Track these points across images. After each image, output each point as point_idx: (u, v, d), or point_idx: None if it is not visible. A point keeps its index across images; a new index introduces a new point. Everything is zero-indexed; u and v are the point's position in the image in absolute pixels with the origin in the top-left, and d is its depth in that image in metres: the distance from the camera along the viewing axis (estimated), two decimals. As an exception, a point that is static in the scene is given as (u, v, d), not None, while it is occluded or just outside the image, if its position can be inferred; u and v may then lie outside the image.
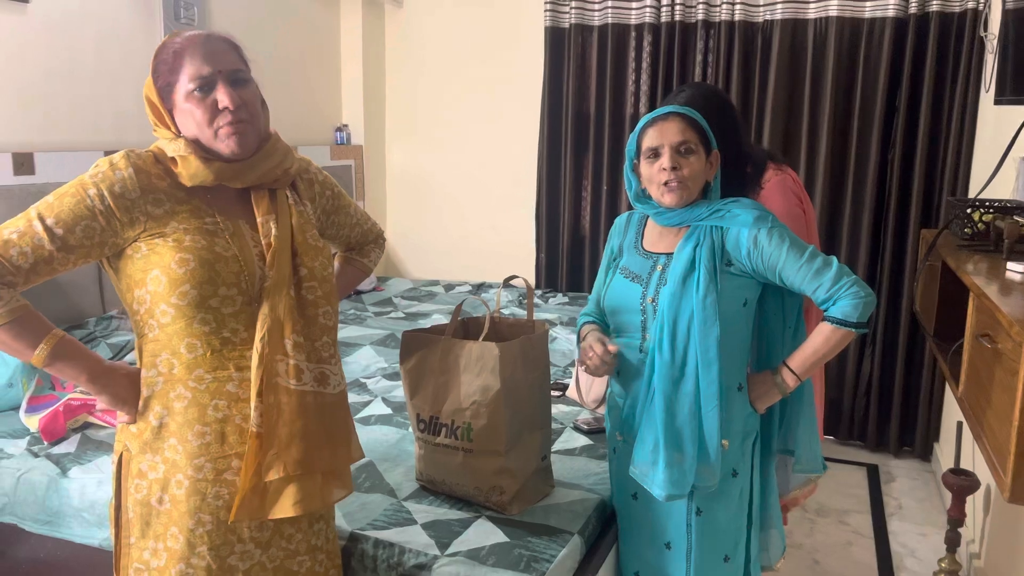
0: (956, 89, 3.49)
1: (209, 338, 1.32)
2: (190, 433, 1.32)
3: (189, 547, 1.33)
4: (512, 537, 1.69)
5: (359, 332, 3.33)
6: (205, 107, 1.31)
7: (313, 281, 1.40)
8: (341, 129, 4.47)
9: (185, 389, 1.32)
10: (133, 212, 1.29)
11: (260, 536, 1.38)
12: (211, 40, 1.35)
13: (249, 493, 1.31)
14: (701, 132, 1.65)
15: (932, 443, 3.72)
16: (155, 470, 1.34)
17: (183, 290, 1.28)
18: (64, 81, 2.88)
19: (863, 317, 1.56)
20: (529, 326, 1.91)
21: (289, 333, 1.34)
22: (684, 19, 3.86)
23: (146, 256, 1.30)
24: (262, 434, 1.31)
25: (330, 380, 1.40)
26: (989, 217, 2.12)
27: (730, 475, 1.68)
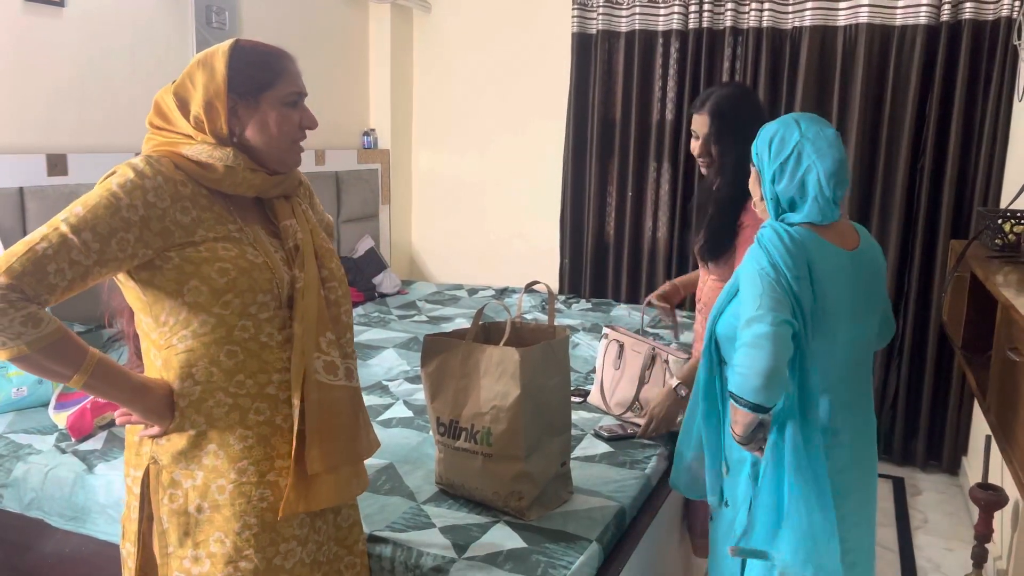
0: (988, 98, 3.43)
1: (248, 344, 1.33)
2: (232, 438, 1.33)
3: (236, 551, 1.34)
4: (530, 543, 1.69)
5: (382, 335, 3.35)
6: (293, 121, 1.37)
7: (334, 281, 1.43)
8: (368, 133, 4.50)
9: (225, 396, 1.33)
10: (164, 221, 1.27)
11: (300, 533, 1.40)
12: (294, 60, 1.42)
13: (293, 490, 1.33)
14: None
15: (960, 457, 3.66)
16: (192, 478, 1.34)
17: (227, 299, 1.29)
18: (98, 83, 2.93)
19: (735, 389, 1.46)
20: (550, 331, 1.91)
21: (323, 331, 1.37)
22: (712, 26, 3.84)
23: (179, 267, 1.28)
24: (304, 431, 1.33)
25: (354, 374, 1.44)
26: (1020, 228, 2.09)
27: (723, 505, 1.75)
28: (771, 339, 1.43)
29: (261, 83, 1.34)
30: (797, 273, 1.49)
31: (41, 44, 2.72)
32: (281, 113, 1.35)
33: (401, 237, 4.82)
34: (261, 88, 1.34)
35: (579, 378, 2.78)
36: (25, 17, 2.67)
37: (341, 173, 4.24)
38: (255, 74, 1.34)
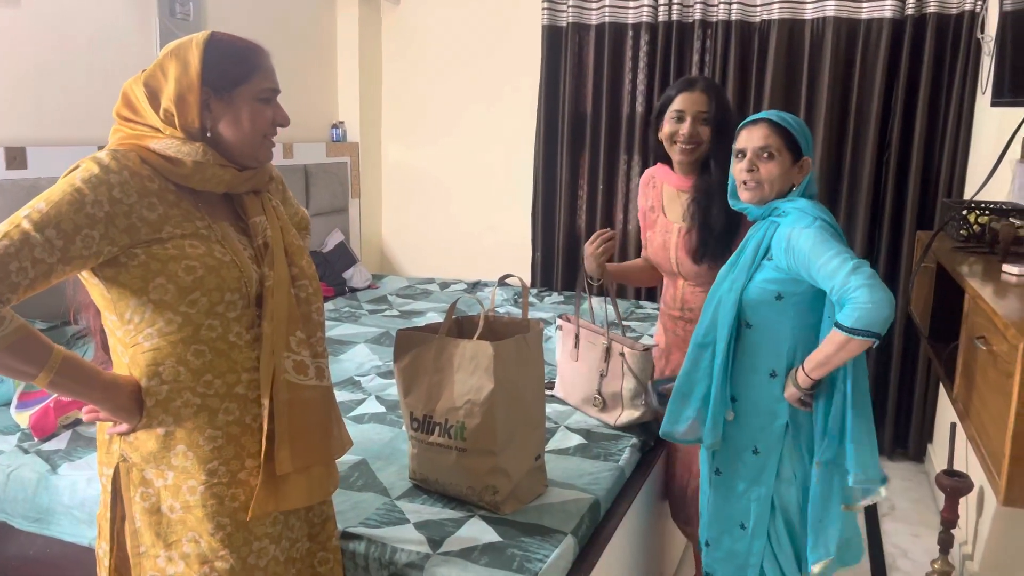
0: (952, 91, 3.49)
1: (216, 343, 1.30)
2: (201, 438, 1.30)
3: (211, 551, 1.32)
4: (505, 537, 1.69)
5: (353, 330, 3.32)
6: (266, 117, 1.34)
7: (304, 279, 1.41)
8: (337, 126, 4.45)
9: (193, 395, 1.30)
10: (130, 218, 1.23)
11: (272, 531, 1.38)
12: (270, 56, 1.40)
13: (263, 489, 1.31)
14: (788, 138, 1.76)
15: (926, 444, 3.72)
16: (163, 478, 1.32)
17: (193, 298, 1.26)
18: (57, 75, 2.86)
19: (859, 323, 1.54)
20: (524, 325, 1.90)
21: (293, 330, 1.35)
22: (681, 19, 3.85)
23: (145, 264, 1.25)
24: (273, 431, 1.31)
25: (325, 373, 1.42)
26: (985, 219, 2.13)
27: (750, 450, 1.85)
28: (877, 276, 1.57)
29: (236, 78, 1.31)
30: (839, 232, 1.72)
31: (-2, 34, 2.65)
32: (254, 109, 1.33)
33: (371, 231, 4.78)
34: (236, 83, 1.31)
35: (552, 371, 2.78)
36: (-19, 6, 2.60)
37: (310, 166, 4.19)
38: (230, 68, 1.31)
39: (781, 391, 1.78)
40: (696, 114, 2.06)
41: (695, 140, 2.07)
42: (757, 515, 1.86)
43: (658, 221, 2.23)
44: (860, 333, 1.55)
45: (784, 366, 1.78)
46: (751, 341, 1.81)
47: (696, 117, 2.06)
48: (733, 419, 1.86)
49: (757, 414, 1.83)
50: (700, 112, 2.06)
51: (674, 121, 2.08)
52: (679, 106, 2.07)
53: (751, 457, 1.85)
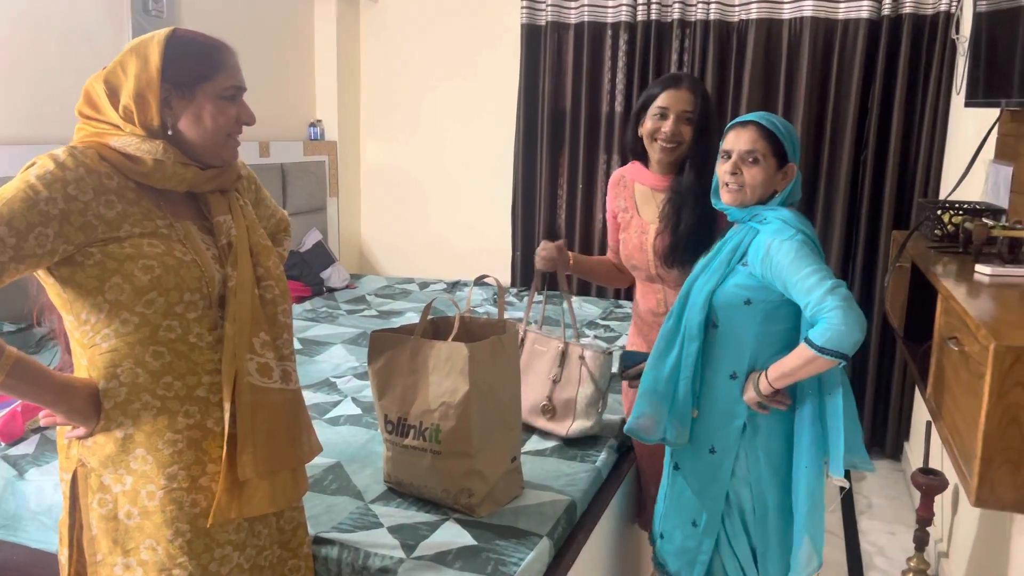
0: (928, 91, 3.51)
1: (175, 344, 1.28)
2: (160, 442, 1.28)
3: (169, 558, 1.29)
4: (480, 540, 1.67)
5: (330, 330, 3.29)
6: (230, 115, 1.32)
7: (270, 280, 1.38)
8: (315, 124, 4.42)
9: (152, 398, 1.27)
10: (86, 215, 1.21)
11: (236, 538, 1.36)
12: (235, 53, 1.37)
13: (225, 495, 1.28)
14: (776, 143, 1.74)
15: (902, 442, 3.75)
16: (121, 483, 1.29)
17: (150, 298, 1.24)
18: (26, 72, 2.81)
19: (829, 343, 1.55)
20: (500, 326, 1.89)
21: (257, 332, 1.32)
22: (660, 18, 3.85)
23: (101, 263, 1.23)
24: (236, 435, 1.28)
25: (292, 376, 1.39)
26: (959, 219, 2.14)
27: (707, 450, 1.84)
28: (852, 299, 1.57)
29: (198, 74, 1.29)
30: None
31: (-35, 30, 2.60)
32: (217, 106, 1.30)
33: (350, 230, 4.75)
34: (198, 80, 1.29)
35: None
36: (-53, 2, 2.55)
37: (287, 165, 4.15)
38: (192, 65, 1.29)
39: (740, 393, 1.78)
40: (680, 112, 2.00)
41: (677, 139, 2.01)
42: (710, 514, 1.86)
43: (632, 221, 2.16)
44: (829, 352, 1.56)
45: (744, 369, 1.78)
46: (715, 342, 1.80)
47: (680, 115, 2.00)
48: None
49: (715, 414, 1.83)
50: (684, 111, 2.00)
51: (657, 118, 2.02)
52: (663, 103, 2.01)
53: (708, 456, 1.85)
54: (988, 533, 2.20)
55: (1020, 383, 1.20)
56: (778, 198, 1.78)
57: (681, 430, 1.84)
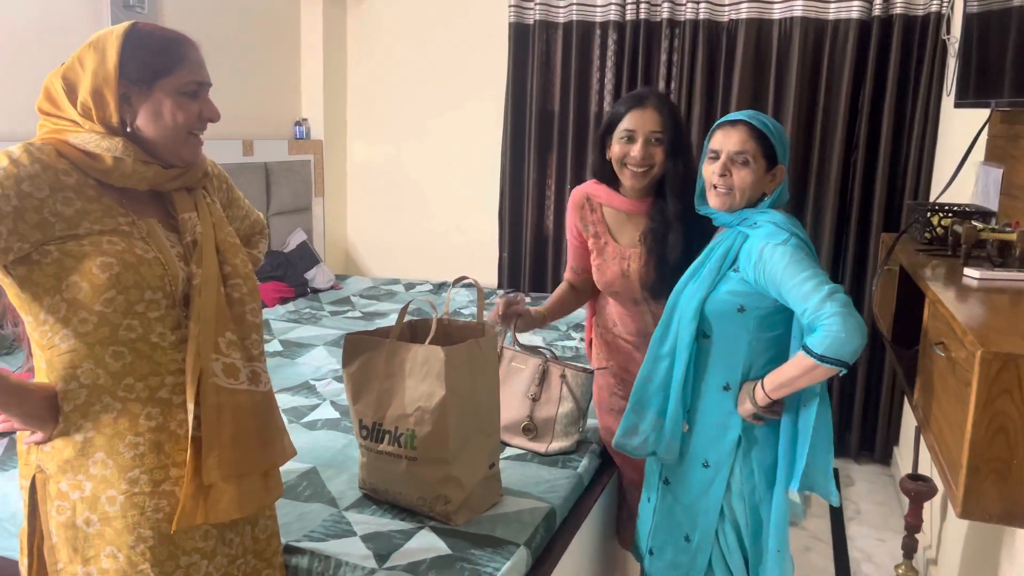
0: (919, 92, 3.48)
1: (136, 344, 1.23)
2: (121, 445, 1.24)
3: (131, 565, 1.25)
4: (455, 549, 1.62)
5: (313, 332, 3.24)
6: (191, 112, 1.27)
7: (238, 278, 1.34)
8: (300, 123, 4.37)
9: (113, 400, 1.23)
10: (42, 212, 1.17)
11: (205, 546, 1.31)
12: (198, 48, 1.31)
13: (190, 499, 1.24)
14: (766, 144, 1.68)
15: (892, 448, 3.72)
16: (80, 489, 1.24)
17: (109, 296, 1.19)
18: (2, 68, 2.75)
19: (829, 351, 1.50)
20: (479, 329, 1.84)
21: (223, 331, 1.28)
22: (649, 17, 3.82)
23: (58, 261, 1.19)
24: (200, 437, 1.24)
25: (261, 378, 1.35)
26: (948, 221, 2.10)
27: (700, 463, 1.79)
28: (851, 304, 1.53)
29: (157, 70, 1.24)
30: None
31: (-63, 24, 2.55)
32: (177, 102, 1.25)
33: (336, 231, 4.69)
34: (156, 75, 1.24)
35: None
36: (-82, -5, 2.49)
37: (271, 164, 4.10)
38: (150, 60, 1.24)
39: (734, 404, 1.73)
40: (648, 134, 1.87)
41: (648, 162, 1.89)
42: (703, 529, 1.82)
43: (607, 248, 2.03)
44: (829, 361, 1.51)
45: (738, 379, 1.73)
46: (706, 353, 1.75)
47: (648, 137, 1.88)
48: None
49: (708, 427, 1.77)
50: (653, 132, 1.87)
51: (624, 142, 1.89)
52: (630, 125, 1.88)
53: (701, 470, 1.79)
54: (978, 541, 2.17)
55: (1007, 391, 1.16)
56: (767, 201, 1.73)
57: (672, 444, 1.78)
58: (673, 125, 1.90)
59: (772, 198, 1.73)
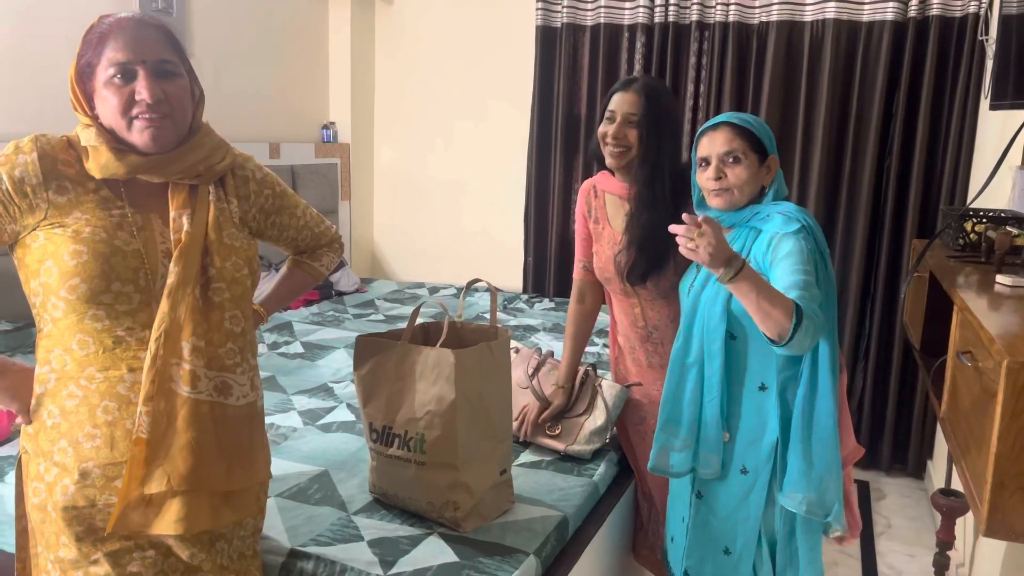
0: (956, 95, 3.38)
1: (101, 336, 1.23)
2: (80, 434, 1.24)
3: (83, 556, 1.25)
4: (462, 556, 1.59)
5: (335, 334, 3.24)
6: (122, 96, 1.23)
7: (222, 282, 1.30)
8: (328, 127, 4.38)
9: (77, 388, 1.24)
10: (33, 198, 1.22)
11: (160, 542, 1.30)
12: (141, 26, 1.26)
13: (131, 504, 1.22)
14: (752, 139, 1.68)
15: (925, 460, 3.61)
16: (49, 473, 1.25)
17: (73, 283, 1.20)
18: (31, 69, 2.80)
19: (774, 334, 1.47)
20: (491, 332, 1.81)
21: (188, 336, 1.25)
22: (678, 20, 3.76)
23: (43, 246, 1.23)
24: (149, 441, 1.22)
25: (233, 390, 1.30)
26: (981, 227, 2.03)
27: (738, 471, 1.72)
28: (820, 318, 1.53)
29: (91, 63, 1.25)
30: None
31: (-32, 27, 2.59)
32: (111, 91, 1.23)
33: (362, 234, 4.70)
34: (91, 68, 1.25)
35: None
36: (-50, -2, 2.53)
37: (297, 167, 4.11)
38: (86, 52, 1.25)
39: (772, 405, 1.68)
40: (625, 115, 1.89)
41: (622, 143, 1.90)
42: (744, 539, 1.75)
43: (604, 232, 2.05)
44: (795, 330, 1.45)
45: (773, 377, 1.68)
46: (737, 354, 1.70)
47: (625, 118, 1.89)
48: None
49: (745, 431, 1.71)
50: (629, 114, 1.89)
51: (607, 121, 1.93)
52: (612, 106, 1.92)
53: (739, 477, 1.73)
54: (1013, 559, 2.08)
55: (1036, 403, 1.10)
56: (770, 193, 1.72)
57: (712, 458, 1.72)
58: (651, 109, 1.89)
59: (774, 189, 1.73)
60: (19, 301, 2.84)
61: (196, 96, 1.33)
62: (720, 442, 1.72)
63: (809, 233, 1.63)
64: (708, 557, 1.80)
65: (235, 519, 1.33)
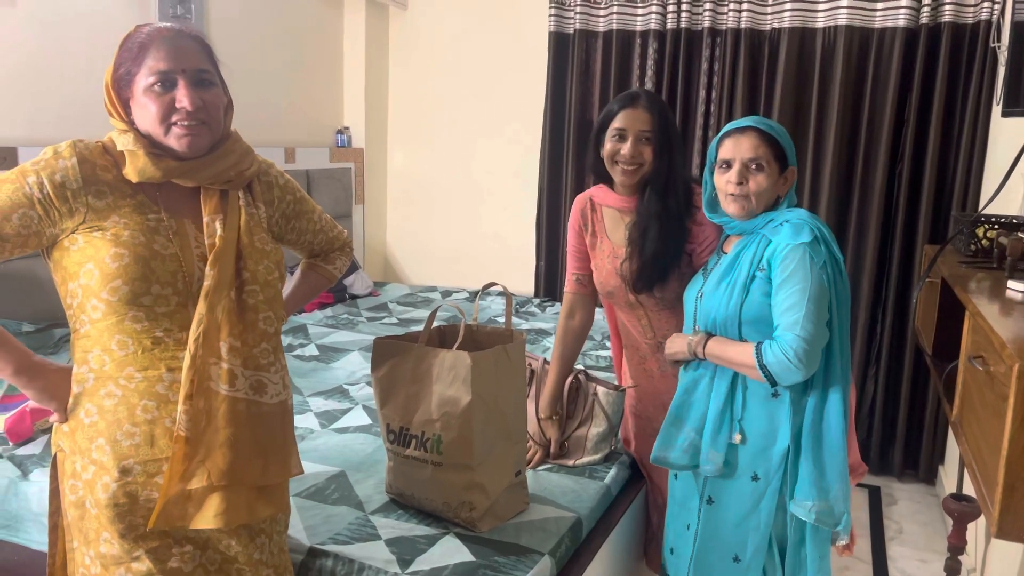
0: (968, 101, 3.39)
1: (140, 336, 1.27)
2: (119, 433, 1.27)
3: (126, 552, 1.28)
4: (478, 556, 1.62)
5: (349, 337, 3.27)
6: (162, 103, 1.27)
7: (255, 285, 1.35)
8: (342, 131, 4.42)
9: (116, 387, 1.27)
10: (72, 202, 1.25)
11: (197, 537, 1.33)
12: (180, 37, 1.30)
13: (172, 499, 1.26)
14: (776, 148, 1.70)
15: (937, 466, 3.61)
16: (87, 471, 1.29)
17: (114, 285, 1.24)
18: (52, 75, 2.84)
19: (772, 367, 1.59)
20: (507, 335, 1.84)
21: (225, 336, 1.29)
22: (690, 26, 3.78)
23: (82, 249, 1.26)
24: (189, 438, 1.25)
25: (268, 389, 1.35)
26: (993, 233, 2.04)
27: (749, 477, 1.72)
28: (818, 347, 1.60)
29: (130, 71, 1.29)
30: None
31: (-8, 34, 2.64)
32: (151, 99, 1.27)
33: (375, 238, 4.74)
34: (130, 75, 1.29)
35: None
36: (-25, 5, 2.58)
37: (312, 171, 4.15)
38: (126, 61, 1.29)
39: (785, 414, 1.69)
40: (638, 133, 1.89)
41: (637, 160, 1.90)
42: (755, 546, 1.75)
43: (603, 246, 2.05)
44: (767, 373, 1.60)
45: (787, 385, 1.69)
46: None
47: (638, 136, 1.89)
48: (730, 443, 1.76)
49: (757, 437, 1.72)
50: (642, 131, 1.89)
51: (615, 140, 1.91)
52: (621, 124, 1.90)
53: (750, 484, 1.73)
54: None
55: (1047, 407, 1.12)
56: (785, 202, 1.74)
57: (715, 456, 1.74)
58: (662, 125, 1.91)
59: (788, 199, 1.75)
60: (41, 303, 2.87)
61: (226, 104, 1.37)
62: (725, 442, 1.73)
63: (820, 242, 1.64)
64: (717, 565, 1.80)
65: (270, 513, 1.37)
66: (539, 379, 2.16)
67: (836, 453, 1.64)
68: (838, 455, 1.64)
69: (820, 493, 1.64)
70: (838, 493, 1.64)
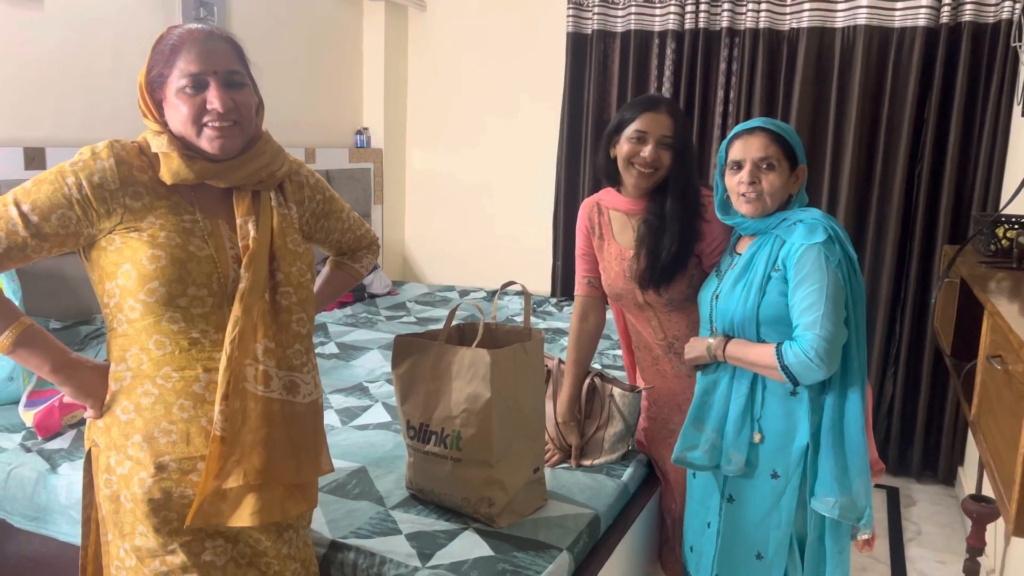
0: (988, 101, 3.37)
1: (177, 337, 1.29)
2: (156, 430, 1.30)
3: (161, 546, 1.31)
4: (497, 551, 1.64)
5: (368, 336, 3.30)
6: (194, 104, 1.28)
7: (289, 287, 1.37)
8: (361, 132, 4.46)
9: (152, 386, 1.30)
10: (110, 203, 1.27)
11: (228, 531, 1.36)
12: (211, 38, 1.32)
13: (208, 498, 1.28)
14: (786, 147, 1.72)
15: (956, 467, 3.59)
16: (122, 466, 1.31)
17: (152, 287, 1.26)
18: (78, 77, 2.89)
19: (794, 368, 1.61)
20: (525, 333, 1.86)
21: (260, 338, 1.32)
22: (708, 27, 3.79)
23: (119, 249, 1.28)
24: (225, 438, 1.28)
25: (300, 389, 1.37)
26: (1013, 233, 2.04)
27: (768, 475, 1.74)
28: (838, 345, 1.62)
29: (162, 73, 1.31)
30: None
31: (19, 37, 2.68)
32: (183, 100, 1.29)
33: (394, 237, 4.78)
34: (163, 77, 1.31)
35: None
36: (2, 8, 2.63)
37: (332, 171, 4.19)
38: (159, 64, 1.31)
39: (804, 411, 1.70)
40: (660, 137, 1.89)
41: (656, 164, 1.90)
42: (777, 543, 1.76)
43: (610, 248, 2.05)
44: (788, 373, 1.62)
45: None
46: None
47: (659, 140, 1.89)
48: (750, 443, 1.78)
49: (775, 435, 1.73)
50: (664, 136, 1.89)
51: (635, 142, 1.89)
52: (642, 126, 1.88)
53: (769, 482, 1.74)
54: (1041, 566, 2.08)
55: (1065, 405, 1.12)
56: (796, 201, 1.76)
57: (736, 456, 1.75)
58: (682, 131, 1.93)
59: (800, 198, 1.77)
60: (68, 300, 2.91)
61: (257, 104, 1.39)
62: (747, 441, 1.74)
63: (834, 241, 1.65)
64: (740, 563, 1.81)
65: (301, 510, 1.39)
66: (555, 379, 2.17)
67: (857, 448, 1.65)
68: (859, 450, 1.65)
69: (842, 488, 1.65)
70: (860, 487, 1.65)
